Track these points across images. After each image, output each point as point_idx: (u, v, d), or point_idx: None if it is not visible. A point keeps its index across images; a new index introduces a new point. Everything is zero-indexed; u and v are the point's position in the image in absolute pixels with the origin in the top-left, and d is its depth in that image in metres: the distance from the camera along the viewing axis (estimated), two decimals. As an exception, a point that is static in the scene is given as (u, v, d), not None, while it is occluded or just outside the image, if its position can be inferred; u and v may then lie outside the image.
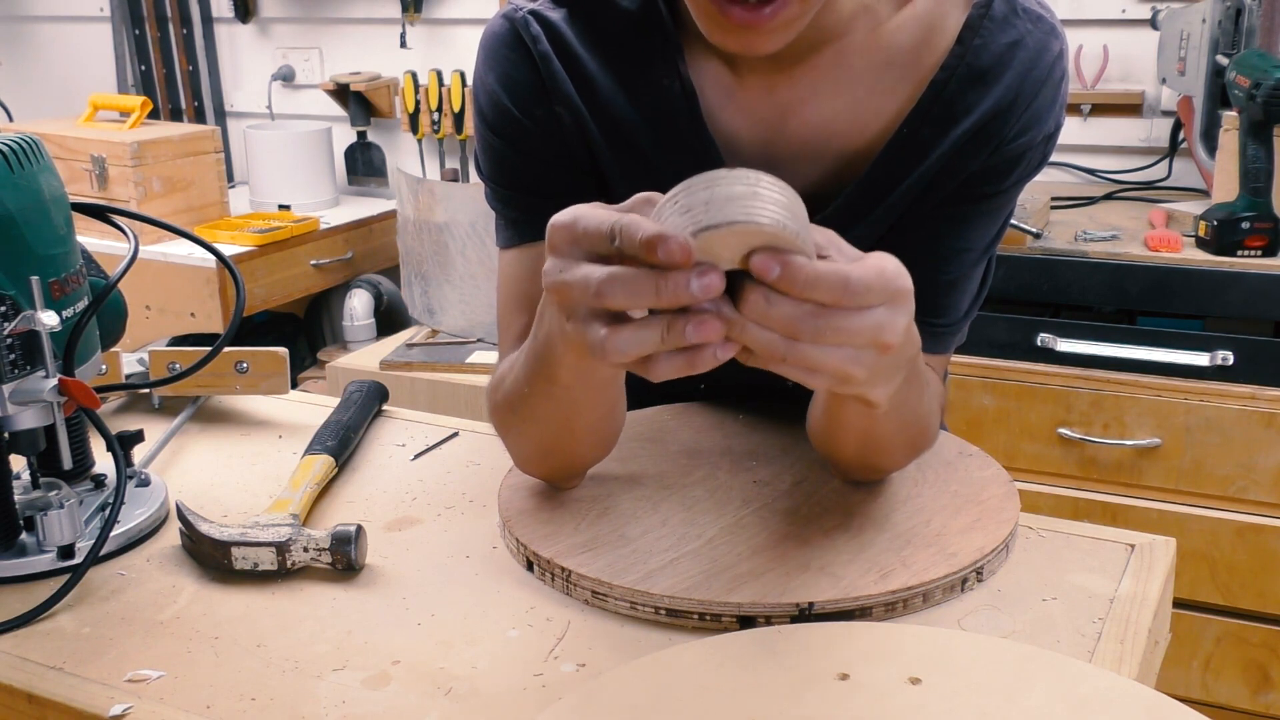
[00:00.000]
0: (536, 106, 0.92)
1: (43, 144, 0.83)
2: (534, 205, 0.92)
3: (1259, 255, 1.79)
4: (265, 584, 0.82)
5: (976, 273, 0.93)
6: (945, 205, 0.89)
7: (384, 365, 2.27)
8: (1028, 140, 0.87)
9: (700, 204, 0.58)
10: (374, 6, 3.02)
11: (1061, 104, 0.89)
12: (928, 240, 0.89)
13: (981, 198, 0.89)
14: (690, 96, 0.90)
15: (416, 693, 0.70)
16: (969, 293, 0.92)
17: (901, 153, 0.88)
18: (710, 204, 0.58)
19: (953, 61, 0.86)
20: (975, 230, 0.90)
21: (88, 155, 2.60)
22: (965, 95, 0.86)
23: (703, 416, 1.05)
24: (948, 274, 0.90)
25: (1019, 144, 0.87)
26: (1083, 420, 1.89)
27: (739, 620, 0.75)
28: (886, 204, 0.89)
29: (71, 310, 0.83)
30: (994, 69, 0.85)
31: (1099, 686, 0.65)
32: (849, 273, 0.60)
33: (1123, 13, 2.32)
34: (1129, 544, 0.86)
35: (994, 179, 0.88)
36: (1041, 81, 0.86)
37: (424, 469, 1.01)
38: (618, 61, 0.70)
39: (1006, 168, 0.88)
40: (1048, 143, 0.89)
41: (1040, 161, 0.90)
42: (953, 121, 0.86)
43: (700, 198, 0.58)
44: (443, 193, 2.34)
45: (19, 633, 0.77)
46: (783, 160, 0.89)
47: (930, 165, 0.87)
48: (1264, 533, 1.82)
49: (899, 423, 0.83)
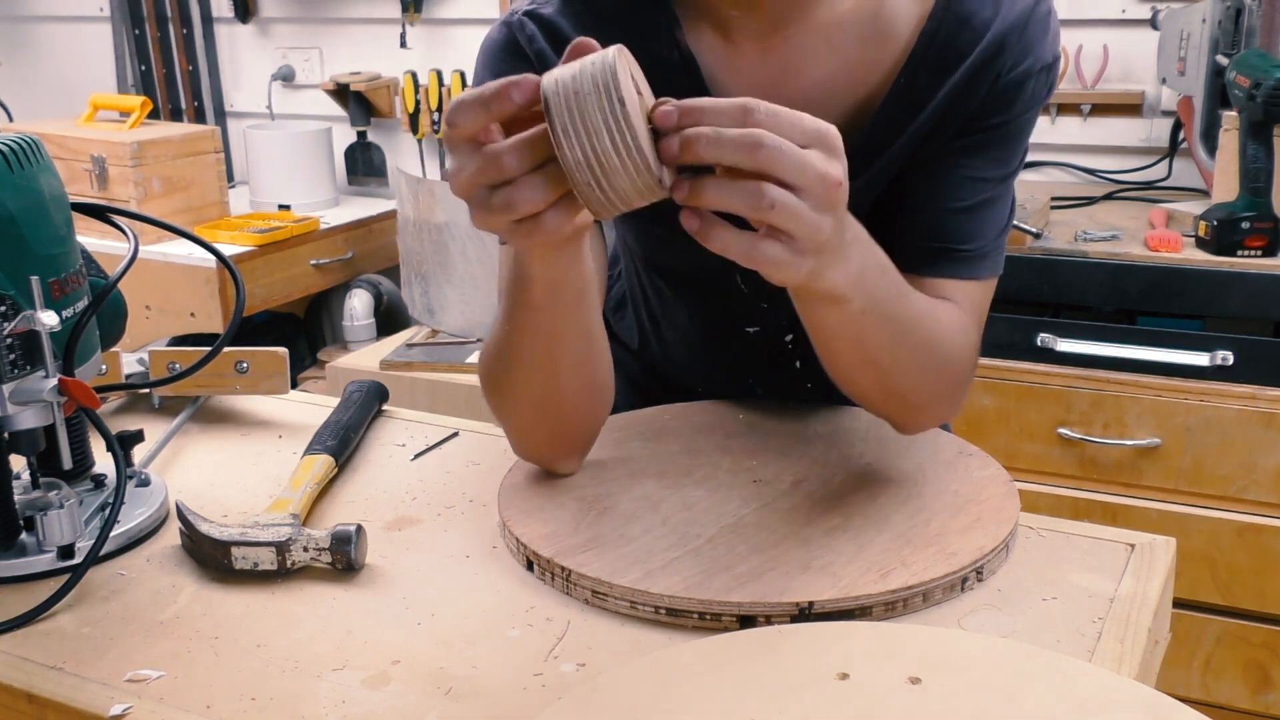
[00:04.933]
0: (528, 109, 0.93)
1: (43, 144, 0.83)
2: None
3: (1259, 255, 1.79)
4: (265, 584, 0.82)
5: (996, 202, 0.94)
6: (954, 139, 0.92)
7: (384, 365, 2.27)
8: (1025, 70, 0.89)
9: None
10: (374, 6, 3.02)
11: (1054, 35, 0.92)
12: (941, 172, 0.92)
13: (989, 128, 0.91)
14: (690, 64, 0.92)
15: (416, 693, 0.70)
16: (990, 221, 0.93)
17: (901, 102, 0.90)
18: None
19: (939, 10, 0.89)
20: (985, 159, 0.92)
21: (88, 155, 2.60)
22: (955, 41, 0.89)
23: (703, 416, 1.05)
24: (964, 201, 0.92)
25: (1016, 75, 0.89)
26: (1083, 420, 1.89)
27: (739, 620, 0.75)
28: (892, 151, 0.92)
29: (71, 310, 0.83)
30: (979, 12, 0.89)
31: (1099, 686, 0.65)
32: (748, 101, 0.66)
33: (1123, 13, 2.32)
34: (1129, 544, 0.86)
35: (998, 110, 0.91)
36: (1027, 15, 0.89)
37: (424, 469, 1.01)
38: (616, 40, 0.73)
39: (1008, 99, 0.90)
40: (1048, 74, 0.92)
41: (1045, 93, 0.92)
42: (947, 69, 0.89)
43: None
44: (443, 193, 2.34)
45: (19, 633, 0.77)
46: None
47: (931, 112, 0.90)
48: (1264, 533, 1.82)
49: (895, 333, 0.84)
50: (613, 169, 0.65)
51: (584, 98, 0.64)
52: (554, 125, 0.64)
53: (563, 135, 0.64)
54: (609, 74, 0.64)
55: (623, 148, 0.64)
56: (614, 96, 0.64)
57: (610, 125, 0.64)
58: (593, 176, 0.65)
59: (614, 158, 0.64)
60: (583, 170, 0.65)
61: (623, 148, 0.64)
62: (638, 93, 0.67)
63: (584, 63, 0.65)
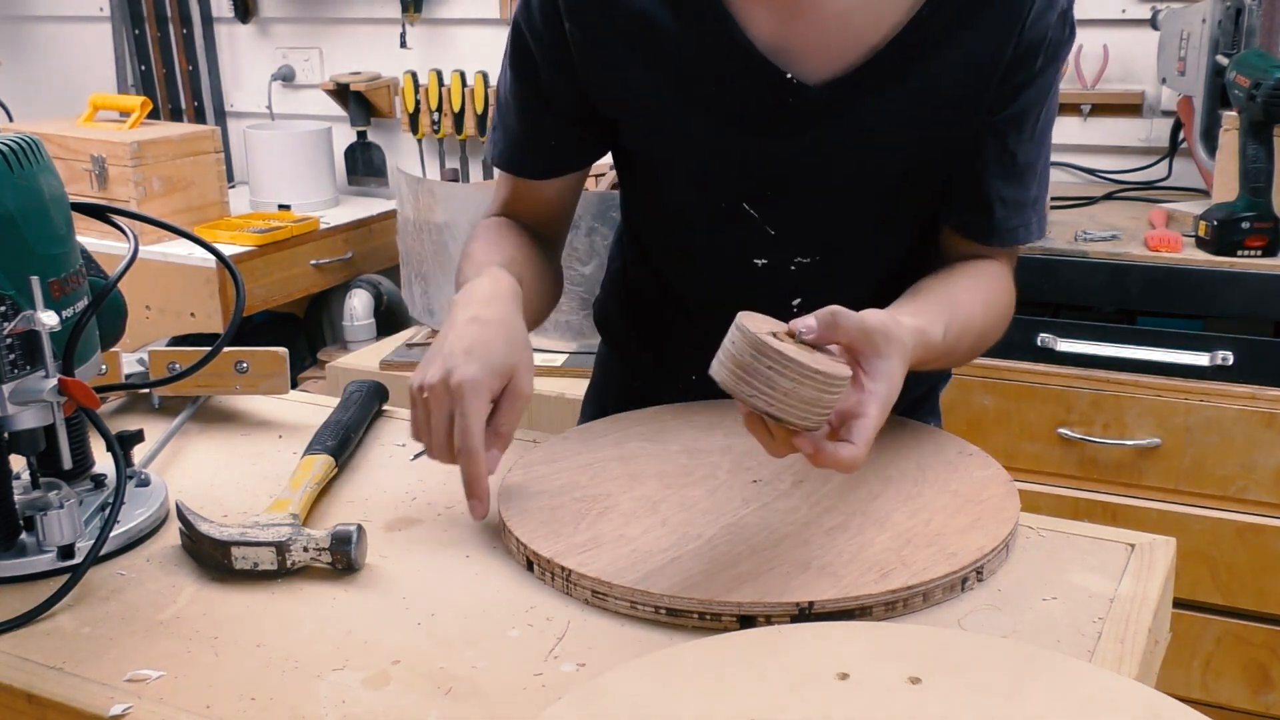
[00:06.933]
0: (547, 29, 1.00)
1: (43, 144, 0.83)
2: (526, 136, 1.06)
3: (1259, 255, 1.79)
4: (265, 584, 0.82)
5: (1037, 167, 1.02)
6: (990, 113, 0.97)
7: (384, 365, 2.27)
8: (1045, 22, 0.94)
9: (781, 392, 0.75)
10: (374, 6, 3.02)
11: None
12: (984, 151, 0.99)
13: (1020, 88, 0.96)
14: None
15: (416, 693, 0.70)
16: (1034, 188, 1.03)
17: (923, 29, 0.94)
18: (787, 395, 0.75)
19: None
20: (1021, 132, 0.99)
21: (88, 155, 2.60)
22: None
23: (703, 416, 1.05)
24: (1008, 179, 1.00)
25: (1039, 27, 0.94)
26: (1083, 420, 1.89)
27: (739, 620, 0.75)
28: (909, 87, 0.94)
29: (71, 310, 0.83)
30: None
31: (1099, 686, 0.65)
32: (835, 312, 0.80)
33: (1123, 13, 2.32)
34: (1129, 544, 0.86)
35: (1025, 66, 0.96)
36: None
37: (424, 469, 1.01)
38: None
39: (1033, 52, 0.95)
40: (1064, 21, 0.96)
41: (1065, 40, 0.98)
42: (972, 10, 0.93)
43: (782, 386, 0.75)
44: (443, 193, 2.34)
45: (19, 633, 0.77)
46: (805, 51, 0.94)
47: (957, 54, 0.94)
48: (1264, 533, 1.82)
49: (970, 345, 0.99)
50: (797, 396, 0.75)
51: (752, 370, 0.75)
52: (746, 402, 0.76)
53: (757, 404, 0.76)
54: (755, 342, 0.75)
55: (796, 378, 0.75)
56: (770, 355, 0.75)
57: (779, 374, 0.75)
58: (791, 412, 0.75)
59: (797, 389, 0.75)
60: (783, 413, 0.75)
61: (796, 378, 0.75)
62: (771, 333, 0.77)
63: (728, 346, 0.76)
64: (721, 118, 0.98)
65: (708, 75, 0.96)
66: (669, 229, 1.11)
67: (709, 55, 0.96)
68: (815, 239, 1.04)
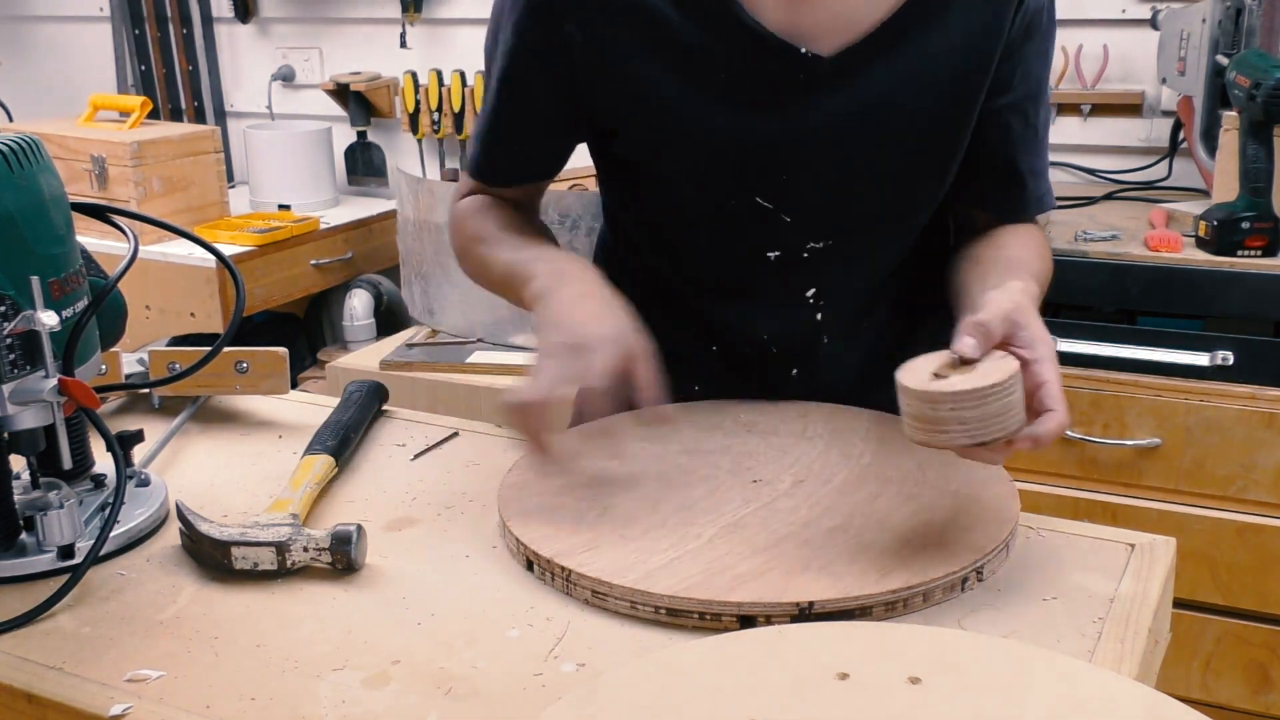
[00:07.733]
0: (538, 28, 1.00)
1: (43, 144, 0.83)
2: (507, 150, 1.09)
3: (1259, 255, 1.79)
4: (265, 584, 0.82)
5: (1044, 136, 1.08)
6: (999, 96, 1.02)
7: (384, 365, 2.27)
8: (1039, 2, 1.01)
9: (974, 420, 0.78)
10: (374, 6, 3.02)
11: None
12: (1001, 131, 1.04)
13: (1031, 58, 1.03)
14: None
15: (416, 693, 0.70)
16: (1043, 158, 1.09)
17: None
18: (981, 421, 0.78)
19: None
20: (1026, 112, 1.05)
21: (88, 155, 2.60)
22: None
23: (703, 416, 1.05)
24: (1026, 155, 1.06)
25: (1034, 5, 1.00)
26: (1083, 420, 1.89)
27: (739, 620, 0.75)
28: (916, 52, 0.97)
29: (71, 310, 0.83)
30: None
31: (1099, 686, 0.65)
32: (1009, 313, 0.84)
33: (1123, 13, 2.31)
34: (1129, 544, 0.86)
35: (1032, 33, 1.02)
36: None
37: (424, 469, 1.01)
38: None
39: (1038, 16, 1.02)
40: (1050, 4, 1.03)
41: (1051, 22, 1.04)
42: None
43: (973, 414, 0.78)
44: (443, 193, 2.34)
45: (19, 633, 0.77)
46: (813, 29, 0.96)
47: (959, 20, 0.97)
48: (1264, 533, 1.82)
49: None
50: (988, 415, 0.78)
51: (937, 420, 0.78)
52: (953, 447, 0.79)
53: (962, 443, 0.78)
54: (923, 395, 0.77)
55: (978, 403, 0.78)
56: (943, 399, 0.77)
57: (963, 409, 0.77)
58: (992, 431, 0.78)
59: (984, 409, 0.78)
60: (987, 436, 0.78)
61: (978, 403, 0.78)
62: (933, 374, 0.80)
63: (904, 410, 0.79)
64: (734, 102, 0.98)
65: (716, 60, 0.97)
66: (670, 234, 1.10)
67: (717, 40, 0.96)
68: (829, 222, 1.03)
